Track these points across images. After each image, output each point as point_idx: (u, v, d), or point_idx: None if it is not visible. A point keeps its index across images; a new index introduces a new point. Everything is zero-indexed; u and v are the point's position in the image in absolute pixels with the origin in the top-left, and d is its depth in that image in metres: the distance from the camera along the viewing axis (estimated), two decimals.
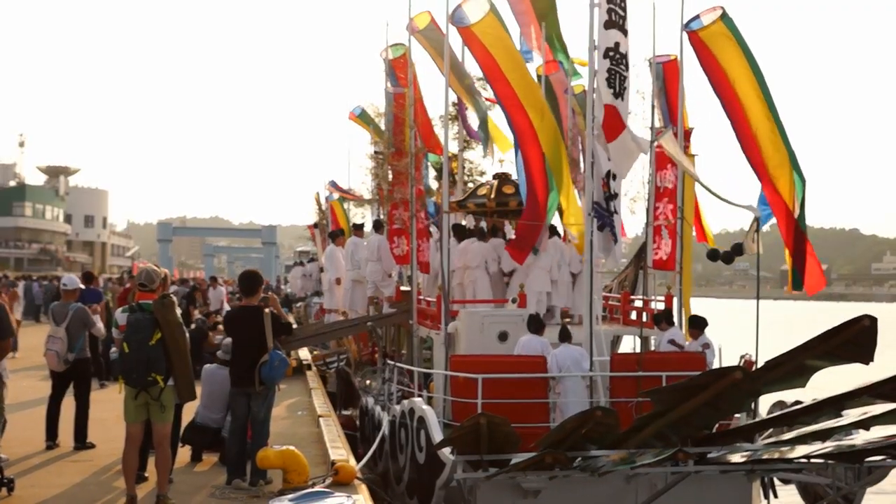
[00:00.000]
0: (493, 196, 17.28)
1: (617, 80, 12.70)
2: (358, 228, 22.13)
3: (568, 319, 15.90)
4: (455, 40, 16.67)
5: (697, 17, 14.84)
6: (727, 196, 14.70)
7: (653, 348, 14.84)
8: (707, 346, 13.74)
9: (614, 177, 13.17)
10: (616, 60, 12.67)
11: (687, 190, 15.76)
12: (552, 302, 16.34)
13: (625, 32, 12.75)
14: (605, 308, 16.73)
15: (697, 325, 14.06)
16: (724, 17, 14.54)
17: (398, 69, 19.61)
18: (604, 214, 12.99)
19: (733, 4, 15.08)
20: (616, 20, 12.64)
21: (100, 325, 12.94)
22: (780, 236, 14.32)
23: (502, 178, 17.95)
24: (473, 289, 16.73)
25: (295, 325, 25.36)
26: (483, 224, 18.74)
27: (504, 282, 17.03)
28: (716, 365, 12.90)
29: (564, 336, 13.09)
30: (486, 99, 20.62)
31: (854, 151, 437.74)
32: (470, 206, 17.96)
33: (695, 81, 14.98)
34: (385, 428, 13.36)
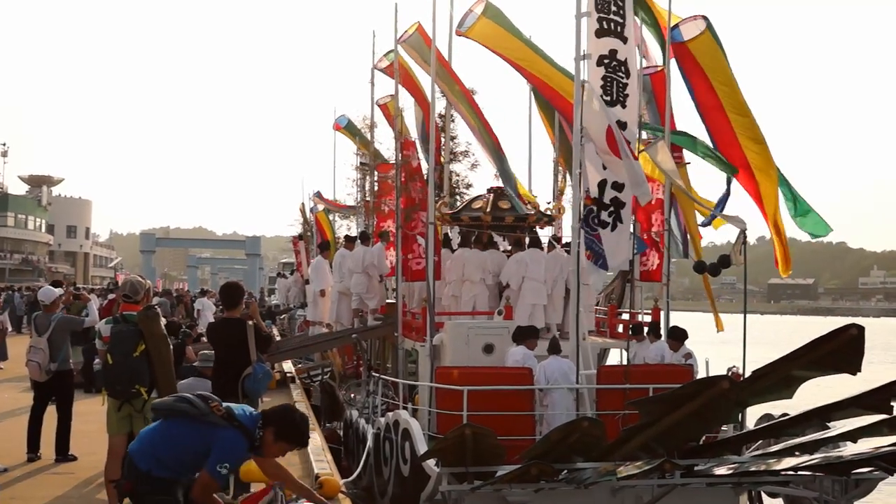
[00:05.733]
0: (488, 209, 17.14)
1: (614, 87, 12.60)
2: (350, 241, 22.00)
3: (557, 333, 15.79)
4: (443, 50, 16.68)
5: (677, 26, 14.69)
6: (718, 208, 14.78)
7: (633, 360, 14.70)
8: (689, 355, 13.77)
9: (615, 186, 12.92)
10: (612, 68, 12.56)
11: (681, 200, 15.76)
12: (547, 316, 15.83)
13: (623, 39, 12.63)
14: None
15: (677, 336, 14.05)
16: (710, 27, 14.53)
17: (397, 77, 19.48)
18: (586, 231, 12.79)
19: (722, 11, 15.17)
20: (612, 28, 12.53)
21: (94, 314, 12.78)
22: (769, 251, 14.36)
23: (497, 192, 17.75)
24: (474, 303, 16.48)
25: (278, 338, 25.42)
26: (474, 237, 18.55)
27: (497, 294, 16.82)
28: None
29: (554, 348, 13.03)
30: (475, 108, 20.44)
31: (842, 163, 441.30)
32: (464, 219, 17.83)
33: (682, 91, 15.14)
34: (369, 441, 13.28)
